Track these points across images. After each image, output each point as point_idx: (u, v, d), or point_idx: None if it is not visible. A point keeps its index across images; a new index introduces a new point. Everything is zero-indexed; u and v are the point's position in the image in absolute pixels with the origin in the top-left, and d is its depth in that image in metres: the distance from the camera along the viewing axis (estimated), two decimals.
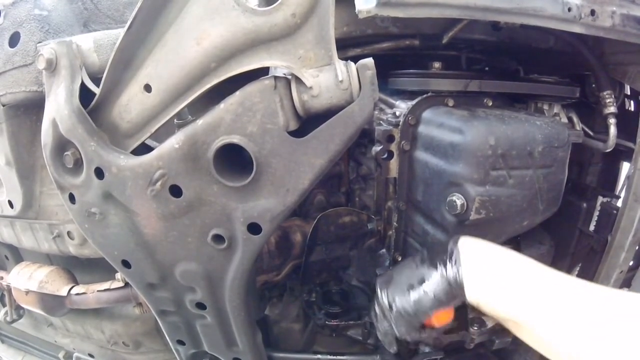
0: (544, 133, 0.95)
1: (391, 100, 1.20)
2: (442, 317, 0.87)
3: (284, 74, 0.79)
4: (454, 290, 0.82)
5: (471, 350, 1.15)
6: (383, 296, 0.92)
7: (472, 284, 0.81)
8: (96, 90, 0.85)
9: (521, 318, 0.76)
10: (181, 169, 0.81)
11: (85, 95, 0.84)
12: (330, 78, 0.75)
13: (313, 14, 0.73)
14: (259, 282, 1.39)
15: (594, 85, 1.28)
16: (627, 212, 1.15)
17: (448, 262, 0.84)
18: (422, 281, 0.86)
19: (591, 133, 1.25)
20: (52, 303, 1.41)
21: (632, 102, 1.41)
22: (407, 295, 0.87)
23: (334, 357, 1.29)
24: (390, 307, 0.90)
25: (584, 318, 0.69)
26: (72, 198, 0.91)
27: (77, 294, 1.39)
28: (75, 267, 1.50)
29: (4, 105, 1.13)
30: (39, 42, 1.00)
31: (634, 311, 0.66)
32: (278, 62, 0.75)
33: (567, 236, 1.30)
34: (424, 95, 1.09)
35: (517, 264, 0.82)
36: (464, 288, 0.81)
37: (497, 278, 0.80)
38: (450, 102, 1.10)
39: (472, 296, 0.81)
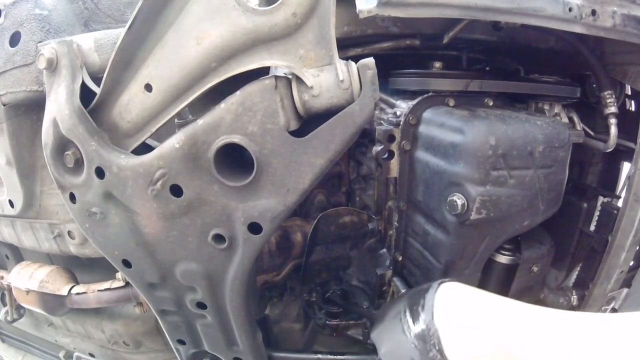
0: (544, 133, 0.95)
1: (392, 100, 1.20)
2: None
3: (285, 74, 0.79)
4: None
5: None
6: (377, 348, 0.89)
7: (453, 353, 0.74)
8: (97, 89, 0.85)
9: None
10: (182, 169, 0.81)
11: (85, 94, 0.84)
12: (331, 78, 0.75)
13: (314, 14, 0.72)
14: (259, 281, 1.39)
15: (594, 86, 1.28)
16: (627, 212, 1.15)
17: (426, 331, 0.76)
18: (407, 352, 0.79)
19: (592, 133, 1.25)
20: (52, 302, 1.41)
21: (632, 102, 1.41)
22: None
23: (334, 356, 1.29)
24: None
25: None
26: (72, 198, 0.91)
27: (78, 294, 1.39)
28: (76, 267, 1.50)
29: (4, 105, 1.13)
30: (40, 42, 1.00)
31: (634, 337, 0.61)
32: (278, 62, 0.75)
33: (567, 236, 1.30)
34: (425, 95, 1.09)
35: (502, 320, 0.73)
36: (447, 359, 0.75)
37: (479, 343, 0.72)
38: (451, 102, 1.10)
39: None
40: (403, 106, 1.12)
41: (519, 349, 0.68)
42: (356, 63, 0.78)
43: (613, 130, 1.14)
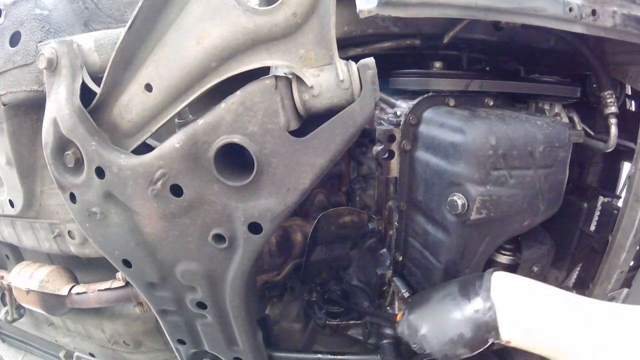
0: (544, 133, 0.95)
1: (392, 100, 1.20)
2: None
3: (285, 74, 0.79)
4: (488, 337, 0.84)
5: None
6: (414, 330, 0.93)
7: (508, 328, 0.82)
8: (97, 89, 0.85)
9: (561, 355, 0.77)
10: (182, 169, 0.81)
11: (85, 94, 0.84)
12: (331, 78, 0.75)
13: (314, 14, 0.72)
14: (259, 281, 1.39)
15: (594, 85, 1.28)
16: (627, 212, 1.15)
17: (483, 308, 0.83)
18: (457, 327, 0.86)
19: (592, 133, 1.25)
20: (52, 302, 1.41)
21: (632, 102, 1.41)
22: (440, 338, 0.88)
23: (335, 356, 1.29)
24: (422, 342, 0.91)
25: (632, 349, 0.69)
26: (72, 197, 0.91)
27: (78, 294, 1.39)
28: (76, 267, 1.50)
29: (4, 105, 1.13)
30: (40, 42, 1.00)
31: None
32: (279, 62, 0.75)
33: (567, 236, 1.30)
34: (425, 95, 1.09)
35: (552, 302, 0.82)
36: (500, 334, 0.82)
37: (532, 321, 0.80)
38: (451, 102, 1.10)
39: (507, 338, 0.82)
40: (403, 106, 1.12)
41: (571, 333, 0.75)
42: (356, 63, 0.78)
43: (613, 130, 1.14)
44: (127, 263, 0.96)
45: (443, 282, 1.01)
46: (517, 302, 0.83)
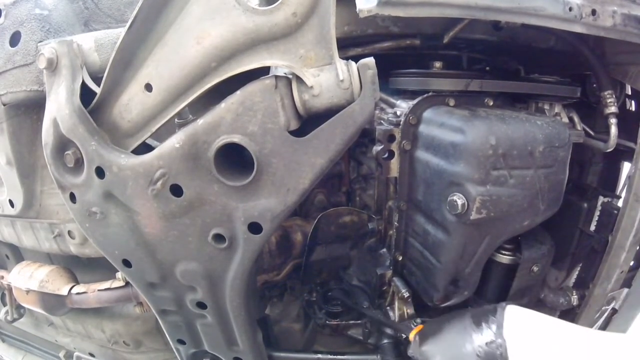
0: (544, 133, 0.95)
1: (392, 100, 1.20)
2: None
3: (285, 74, 0.79)
4: None
5: None
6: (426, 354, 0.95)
7: None
8: (97, 89, 0.85)
9: None
10: (182, 169, 0.81)
11: (85, 94, 0.84)
12: (331, 77, 0.75)
13: (314, 14, 0.73)
14: (259, 281, 1.39)
15: (594, 85, 1.28)
16: (627, 212, 1.15)
17: (495, 344, 0.84)
18: (465, 357, 0.87)
19: (592, 133, 1.25)
20: (52, 302, 1.41)
21: (632, 102, 1.41)
22: None
23: (334, 356, 1.29)
24: None
25: None
26: (72, 197, 0.91)
27: (78, 293, 1.39)
28: (76, 267, 1.50)
29: (4, 105, 1.13)
30: (40, 42, 1.00)
31: None
32: (279, 62, 0.75)
33: (567, 236, 1.30)
34: (425, 95, 1.09)
35: (564, 341, 0.82)
36: None
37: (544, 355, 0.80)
38: (451, 102, 1.10)
39: None
40: (403, 106, 1.12)
41: None
42: (356, 63, 0.78)
43: (613, 130, 1.14)
44: (127, 263, 0.96)
45: (455, 312, 1.01)
46: (528, 339, 0.83)
